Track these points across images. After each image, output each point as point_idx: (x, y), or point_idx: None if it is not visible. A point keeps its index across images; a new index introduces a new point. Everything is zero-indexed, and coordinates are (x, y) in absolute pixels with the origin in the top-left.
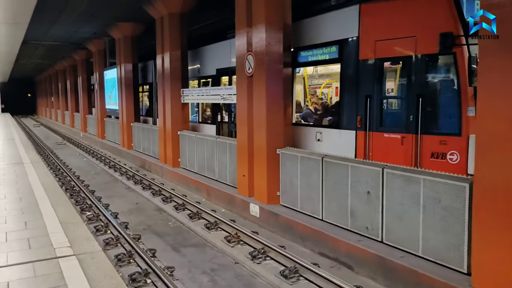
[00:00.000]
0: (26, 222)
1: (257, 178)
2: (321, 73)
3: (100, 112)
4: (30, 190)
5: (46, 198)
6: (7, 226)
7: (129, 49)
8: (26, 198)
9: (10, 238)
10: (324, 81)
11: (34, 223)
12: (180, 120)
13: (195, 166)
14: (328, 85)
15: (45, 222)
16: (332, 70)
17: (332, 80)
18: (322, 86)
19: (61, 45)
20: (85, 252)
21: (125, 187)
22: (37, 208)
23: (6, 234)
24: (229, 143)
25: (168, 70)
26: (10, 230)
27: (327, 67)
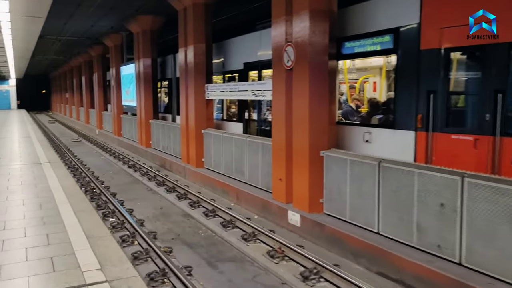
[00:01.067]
0: (48, 235)
1: (297, 182)
2: (358, 67)
3: (116, 109)
4: (50, 194)
5: (68, 204)
6: (27, 241)
7: (148, 44)
8: (46, 204)
9: (31, 256)
10: (362, 75)
11: (57, 236)
12: (204, 117)
13: (221, 167)
14: (365, 80)
15: (69, 236)
16: (370, 63)
17: (369, 74)
18: (359, 81)
19: (77, 40)
20: (119, 277)
21: (147, 188)
22: (59, 217)
23: (26, 251)
24: (262, 143)
25: (192, 65)
26: (31, 245)
27: (365, 61)
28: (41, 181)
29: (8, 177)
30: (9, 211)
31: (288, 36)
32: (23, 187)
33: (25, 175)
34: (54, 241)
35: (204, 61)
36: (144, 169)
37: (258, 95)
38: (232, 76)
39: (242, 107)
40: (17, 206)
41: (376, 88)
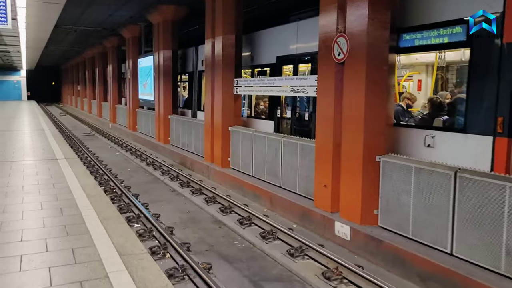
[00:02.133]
0: (73, 251)
1: (346, 190)
2: (404, 63)
3: (132, 103)
4: (70, 197)
5: (91, 209)
6: (50, 257)
7: (169, 35)
8: (68, 209)
9: (56, 280)
10: (406, 72)
11: (84, 252)
12: (231, 114)
13: (251, 168)
14: (409, 78)
15: (99, 252)
16: (416, 60)
17: (414, 71)
18: (403, 79)
19: (93, 30)
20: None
21: (170, 189)
22: (83, 225)
23: (50, 273)
24: (302, 144)
25: (220, 57)
26: (55, 264)
27: (410, 57)
28: (59, 180)
29: (23, 175)
30: (27, 217)
31: (340, 25)
32: (39, 187)
33: (41, 172)
34: (81, 259)
35: (233, 54)
36: (165, 168)
37: (298, 91)
38: (262, 70)
39: (274, 103)
40: (35, 211)
41: (421, 87)
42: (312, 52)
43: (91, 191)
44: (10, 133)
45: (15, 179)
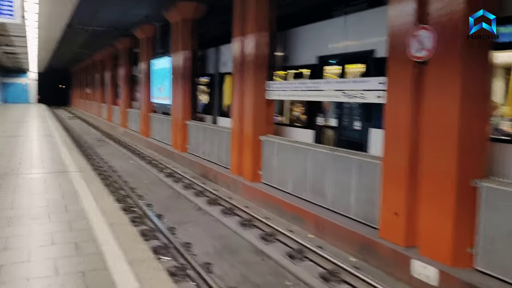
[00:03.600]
0: None
1: (429, 221)
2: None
3: (145, 107)
4: (87, 226)
5: (115, 245)
6: None
7: (188, 34)
8: (86, 245)
9: None
10: None
11: None
12: (263, 121)
13: (289, 184)
14: None
15: None
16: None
17: None
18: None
19: (105, 31)
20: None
21: (194, 207)
22: (106, 273)
23: None
24: (359, 159)
25: (251, 57)
26: None
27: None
28: (72, 200)
29: (30, 192)
30: (34, 257)
31: (421, 15)
32: (49, 209)
33: (50, 190)
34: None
35: (266, 54)
36: (186, 180)
37: (353, 97)
38: (298, 72)
39: (314, 110)
40: (44, 247)
41: None
42: (365, 51)
43: (111, 216)
44: (17, 139)
45: (21, 198)
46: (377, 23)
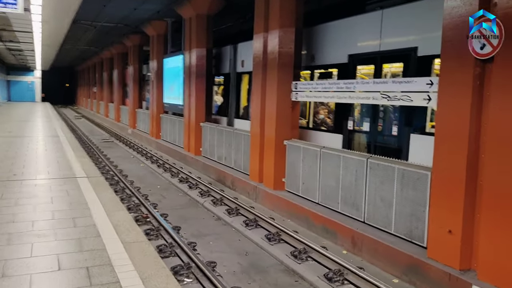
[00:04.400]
0: None
1: (490, 241)
2: None
3: (156, 107)
4: (99, 245)
5: (133, 270)
6: None
7: (203, 31)
8: (98, 270)
9: None
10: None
11: None
12: (288, 125)
13: (317, 193)
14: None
15: None
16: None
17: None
18: None
19: (114, 27)
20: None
21: (214, 217)
22: None
23: None
24: (402, 169)
25: (275, 56)
26: None
27: None
28: (81, 212)
29: (34, 202)
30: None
31: (485, 6)
32: (55, 224)
33: (57, 199)
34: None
35: (292, 52)
36: (203, 187)
37: (396, 99)
38: (326, 72)
39: (343, 113)
40: (48, 273)
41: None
42: (406, 49)
43: (125, 232)
44: (22, 140)
45: (24, 209)
46: (421, 17)
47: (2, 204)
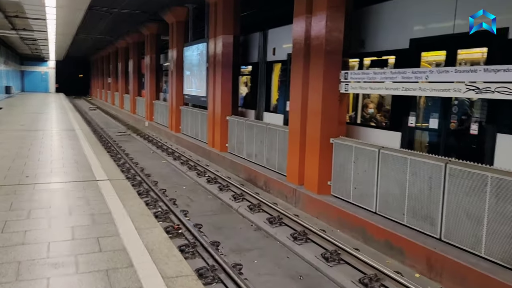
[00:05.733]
0: None
1: None
2: None
3: (175, 99)
4: (134, 281)
5: None
6: None
7: (230, 16)
8: None
9: None
10: None
11: None
12: (334, 120)
13: (374, 201)
14: None
15: None
16: None
17: None
18: None
19: (131, 15)
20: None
21: (252, 226)
22: None
23: None
24: (498, 178)
25: (321, 41)
26: None
27: None
28: (106, 230)
29: (49, 215)
30: None
31: None
32: (75, 247)
33: (75, 210)
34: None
35: (341, 37)
36: (235, 189)
37: (489, 92)
38: (379, 60)
39: (402, 106)
40: None
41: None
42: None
43: (165, 262)
44: (36, 134)
45: (37, 224)
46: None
47: (11, 217)
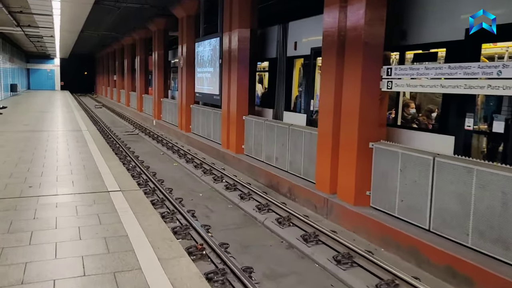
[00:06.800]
0: None
1: None
2: None
3: (185, 97)
4: None
5: None
6: None
7: (247, 8)
8: None
9: None
10: None
11: None
12: (375, 122)
13: (428, 217)
14: None
15: None
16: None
17: None
18: None
19: (139, 9)
20: None
21: (284, 244)
22: None
23: None
24: None
25: (359, 33)
26: None
27: None
28: (124, 261)
29: (54, 239)
30: None
31: None
32: (88, 284)
33: (86, 233)
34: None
35: (382, 29)
36: (256, 197)
37: None
38: (426, 53)
39: (457, 107)
40: None
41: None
42: None
43: None
44: (40, 135)
45: (40, 254)
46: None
47: (10, 242)
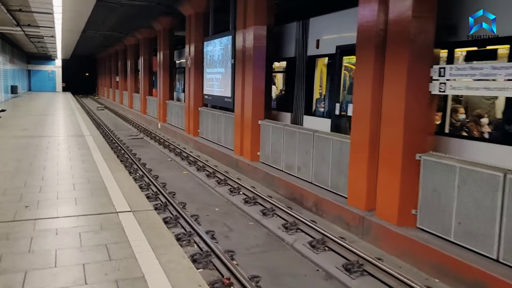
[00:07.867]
0: None
1: None
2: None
3: (193, 99)
4: None
5: None
6: None
7: (263, 3)
8: None
9: None
10: None
11: None
12: (422, 130)
13: (495, 244)
14: None
15: None
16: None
17: None
18: None
19: (144, 7)
20: None
21: (318, 271)
22: None
23: None
24: None
25: (405, 28)
26: None
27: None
28: None
29: (54, 283)
30: None
31: None
32: None
33: (92, 273)
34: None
35: (431, 23)
36: (280, 213)
37: None
38: (482, 51)
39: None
40: None
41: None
42: None
43: None
44: (40, 141)
45: None
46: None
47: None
